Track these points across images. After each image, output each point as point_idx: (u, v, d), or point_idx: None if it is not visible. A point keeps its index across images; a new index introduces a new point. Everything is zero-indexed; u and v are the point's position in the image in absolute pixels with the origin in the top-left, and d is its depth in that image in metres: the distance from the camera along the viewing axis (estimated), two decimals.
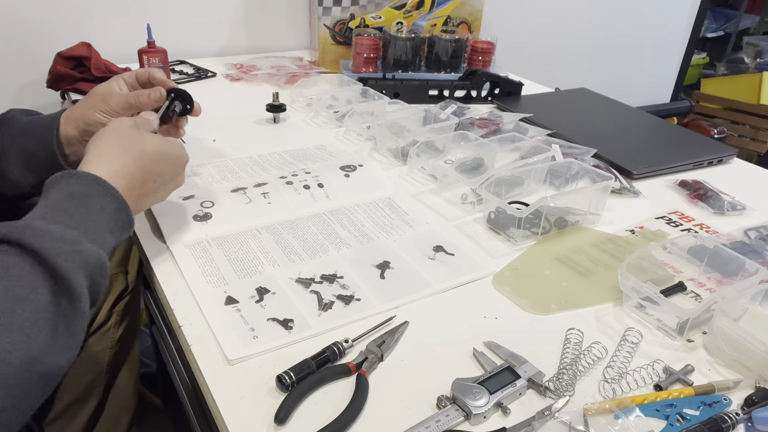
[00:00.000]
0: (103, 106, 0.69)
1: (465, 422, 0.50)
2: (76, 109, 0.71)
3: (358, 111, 1.07)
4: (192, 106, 0.75)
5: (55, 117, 0.70)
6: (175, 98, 0.73)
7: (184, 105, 0.74)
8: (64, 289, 0.46)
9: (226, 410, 0.50)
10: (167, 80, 0.74)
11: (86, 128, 0.69)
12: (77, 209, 0.53)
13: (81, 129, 0.69)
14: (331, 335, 0.59)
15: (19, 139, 0.69)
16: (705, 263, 0.70)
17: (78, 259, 0.48)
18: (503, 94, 1.28)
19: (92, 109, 0.69)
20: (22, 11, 1.28)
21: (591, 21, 2.14)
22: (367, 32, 1.39)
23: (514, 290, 0.67)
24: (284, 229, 0.75)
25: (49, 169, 0.70)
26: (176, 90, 0.73)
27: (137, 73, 0.75)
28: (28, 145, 0.69)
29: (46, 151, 0.69)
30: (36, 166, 0.70)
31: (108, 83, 0.73)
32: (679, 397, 0.53)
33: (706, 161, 1.02)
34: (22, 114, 0.72)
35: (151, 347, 1.26)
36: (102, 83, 0.73)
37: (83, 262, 0.49)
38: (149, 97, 0.71)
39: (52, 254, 0.46)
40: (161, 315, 0.78)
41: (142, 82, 0.75)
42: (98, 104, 0.69)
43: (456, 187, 0.87)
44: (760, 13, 3.49)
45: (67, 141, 0.70)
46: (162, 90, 0.72)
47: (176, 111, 0.73)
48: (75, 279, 0.47)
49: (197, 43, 1.49)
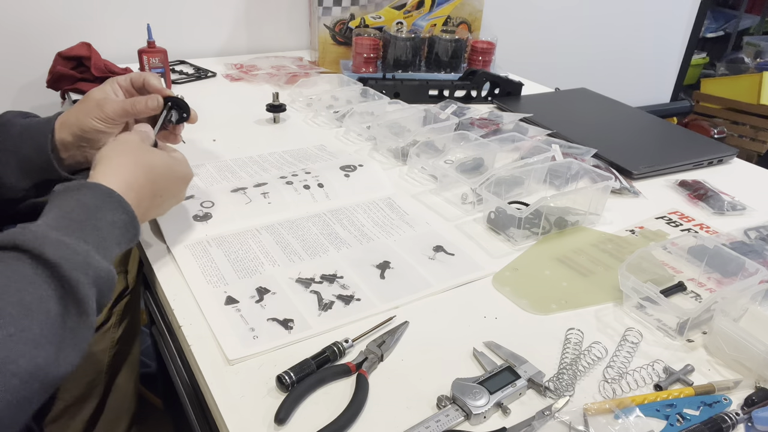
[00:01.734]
0: (98, 112, 0.69)
1: (465, 422, 0.50)
2: (71, 114, 0.70)
3: (358, 111, 1.07)
4: (188, 115, 0.74)
5: (50, 121, 0.70)
6: (171, 107, 0.73)
7: (181, 114, 0.73)
8: (74, 303, 0.47)
9: (226, 410, 0.50)
10: (163, 88, 0.73)
11: (81, 134, 0.69)
12: (89, 221, 0.53)
13: (76, 135, 0.69)
14: (331, 335, 0.59)
15: (14, 144, 0.69)
16: (705, 263, 0.70)
17: (91, 273, 0.49)
18: (503, 94, 1.28)
19: (87, 116, 0.69)
20: (22, 11, 1.28)
21: (591, 21, 2.14)
22: (367, 32, 1.39)
23: (514, 290, 0.67)
24: (284, 229, 0.75)
25: (44, 173, 0.70)
26: (173, 99, 0.73)
27: (132, 78, 0.74)
28: (23, 150, 0.69)
29: (40, 156, 0.69)
30: (31, 170, 0.70)
31: (102, 88, 0.72)
32: (679, 397, 0.53)
33: (706, 161, 1.02)
34: (18, 117, 0.72)
35: (151, 347, 1.26)
36: (96, 88, 0.73)
37: (96, 277, 0.50)
38: (146, 104, 0.70)
39: (67, 267, 0.47)
40: (161, 315, 0.78)
41: (137, 87, 0.74)
42: (93, 110, 0.69)
43: (456, 187, 0.87)
44: (760, 13, 3.49)
45: (62, 146, 0.70)
46: (159, 98, 0.71)
47: (172, 120, 0.73)
48: (86, 293, 0.48)
49: (197, 43, 1.49)
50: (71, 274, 0.47)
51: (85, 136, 0.69)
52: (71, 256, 0.48)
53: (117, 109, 0.70)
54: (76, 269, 0.48)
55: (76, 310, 0.47)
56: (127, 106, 0.70)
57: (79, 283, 0.47)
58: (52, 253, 0.47)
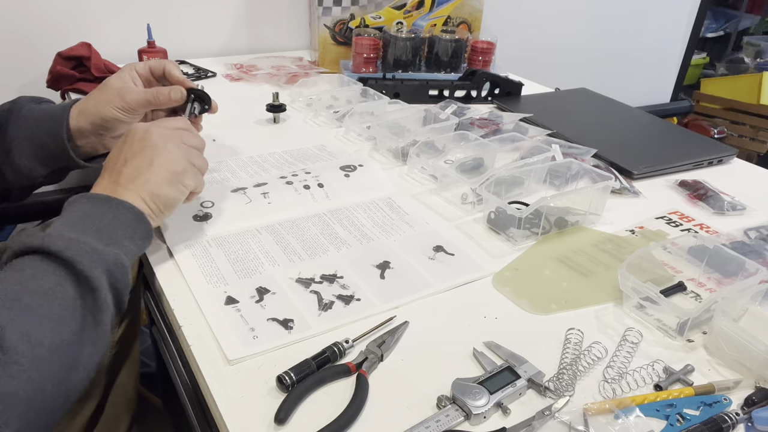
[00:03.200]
0: (120, 102, 0.68)
1: (465, 422, 0.50)
2: (89, 102, 0.69)
3: (358, 111, 1.07)
4: (210, 106, 0.74)
5: (66, 108, 0.69)
6: (194, 99, 0.72)
7: (203, 105, 0.73)
8: (83, 281, 0.50)
9: (226, 410, 0.50)
10: (185, 79, 0.72)
11: (101, 123, 0.69)
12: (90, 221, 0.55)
13: (95, 123, 0.68)
14: (331, 335, 0.59)
15: (28, 129, 0.68)
16: (705, 263, 0.70)
17: (95, 256, 0.51)
18: (503, 94, 1.28)
19: (108, 105, 0.68)
20: (22, 11, 1.28)
21: (591, 21, 2.14)
22: (367, 32, 1.39)
23: (514, 290, 0.67)
24: (284, 229, 0.75)
25: (60, 160, 0.70)
26: (195, 90, 0.72)
27: (152, 66, 0.72)
28: (38, 136, 0.68)
29: (56, 143, 0.68)
30: (46, 157, 0.69)
31: (120, 76, 0.71)
32: (679, 397, 0.53)
33: (706, 161, 1.02)
34: (32, 102, 0.71)
35: (151, 347, 1.26)
36: (114, 75, 0.71)
37: (100, 259, 0.52)
38: (170, 96, 0.69)
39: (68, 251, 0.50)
40: (161, 315, 0.78)
41: (156, 76, 0.73)
42: (114, 99, 0.68)
43: (456, 187, 0.87)
44: (760, 13, 3.49)
45: (79, 134, 0.69)
46: (183, 90, 0.70)
47: (195, 113, 0.73)
48: (91, 272, 0.50)
49: (197, 43, 1.49)
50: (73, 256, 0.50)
51: (104, 125, 0.69)
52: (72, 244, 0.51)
53: (139, 99, 0.68)
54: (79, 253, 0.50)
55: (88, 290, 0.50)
56: (150, 97, 0.69)
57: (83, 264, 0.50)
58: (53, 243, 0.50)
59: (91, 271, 0.50)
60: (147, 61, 0.73)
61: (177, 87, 0.70)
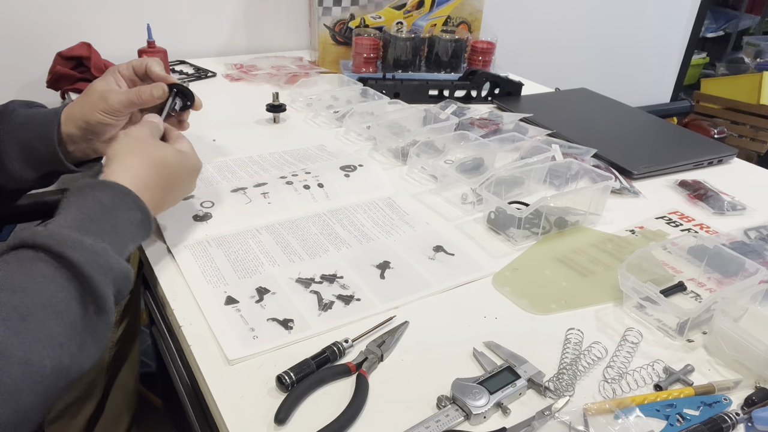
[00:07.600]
0: (104, 105, 0.68)
1: (465, 422, 0.50)
2: (75, 107, 0.69)
3: (358, 111, 1.07)
4: (193, 102, 0.74)
5: (56, 113, 0.69)
6: (176, 94, 0.72)
7: (185, 101, 0.73)
8: (94, 302, 0.48)
9: (226, 410, 0.50)
10: (166, 75, 0.72)
11: (88, 128, 0.69)
12: (107, 220, 0.54)
13: (82, 128, 0.69)
14: (331, 335, 0.59)
15: (18, 134, 0.68)
16: (705, 263, 0.70)
17: (110, 273, 0.50)
18: (503, 94, 1.28)
19: (93, 109, 0.68)
20: (22, 11, 1.28)
21: (591, 21, 2.14)
22: (367, 32, 1.39)
23: (514, 290, 0.67)
24: (284, 229, 0.75)
25: (50, 165, 0.70)
26: (177, 86, 0.72)
27: (134, 65, 0.73)
28: (28, 140, 0.68)
29: (47, 148, 0.68)
30: (36, 161, 0.69)
31: (104, 79, 0.71)
32: (679, 397, 0.53)
33: (706, 161, 1.02)
34: (23, 106, 0.71)
35: (151, 347, 1.26)
36: (98, 79, 0.72)
37: (114, 277, 0.51)
38: (152, 94, 0.69)
39: (88, 268, 0.48)
40: (161, 315, 0.78)
41: (139, 75, 0.73)
42: (98, 103, 0.68)
43: (456, 187, 0.87)
44: (760, 13, 3.49)
45: (69, 139, 0.69)
46: (164, 86, 0.70)
47: (176, 109, 0.73)
48: (106, 292, 0.49)
49: (197, 43, 1.49)
50: (91, 274, 0.48)
51: (91, 129, 0.69)
52: (91, 257, 0.49)
53: (122, 100, 0.69)
54: (96, 270, 0.49)
55: (95, 308, 0.48)
56: (132, 97, 0.69)
57: (99, 283, 0.48)
58: (72, 253, 0.48)
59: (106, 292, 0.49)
60: (130, 61, 0.73)
61: (158, 84, 0.70)
